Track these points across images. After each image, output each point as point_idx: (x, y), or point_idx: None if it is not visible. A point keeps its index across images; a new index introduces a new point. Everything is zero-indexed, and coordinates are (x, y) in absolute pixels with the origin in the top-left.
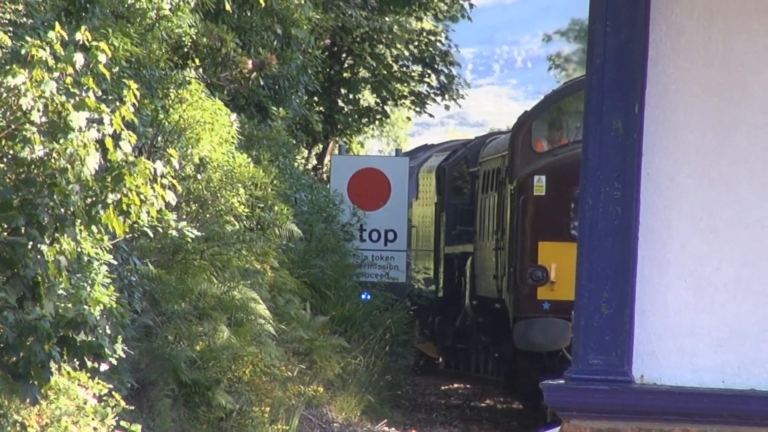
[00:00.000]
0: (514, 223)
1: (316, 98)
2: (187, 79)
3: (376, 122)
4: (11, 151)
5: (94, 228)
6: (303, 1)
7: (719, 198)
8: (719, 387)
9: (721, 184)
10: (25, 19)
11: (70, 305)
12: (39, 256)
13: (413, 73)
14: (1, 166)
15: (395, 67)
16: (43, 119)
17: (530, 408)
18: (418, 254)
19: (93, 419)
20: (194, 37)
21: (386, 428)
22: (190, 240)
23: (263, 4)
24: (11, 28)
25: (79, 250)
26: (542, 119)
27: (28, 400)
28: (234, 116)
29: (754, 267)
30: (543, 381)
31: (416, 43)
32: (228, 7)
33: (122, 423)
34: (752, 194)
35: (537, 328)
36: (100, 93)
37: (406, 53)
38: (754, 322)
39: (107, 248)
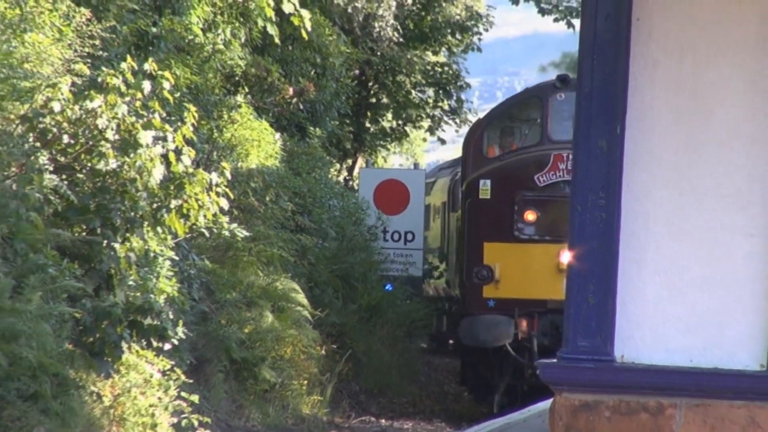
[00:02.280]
0: (463, 224)
1: (347, 120)
2: (238, 103)
3: (397, 141)
4: (89, 164)
5: (159, 229)
6: (337, 36)
7: (689, 206)
8: (688, 366)
9: (691, 195)
10: (101, 52)
11: (138, 294)
12: (112, 253)
13: (429, 99)
14: (81, 176)
15: (413, 94)
16: (116, 137)
17: (478, 400)
18: None
19: (158, 390)
20: (244, 67)
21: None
22: (240, 239)
23: (306, 38)
24: (89, 60)
25: (146, 247)
26: (494, 126)
27: (103, 374)
28: (277, 135)
29: (719, 265)
30: (539, 361)
31: (431, 73)
32: (276, 40)
33: (183, 394)
34: (717, 203)
35: (482, 325)
36: (164, 115)
37: (423, 81)
38: (718, 311)
39: (170, 246)
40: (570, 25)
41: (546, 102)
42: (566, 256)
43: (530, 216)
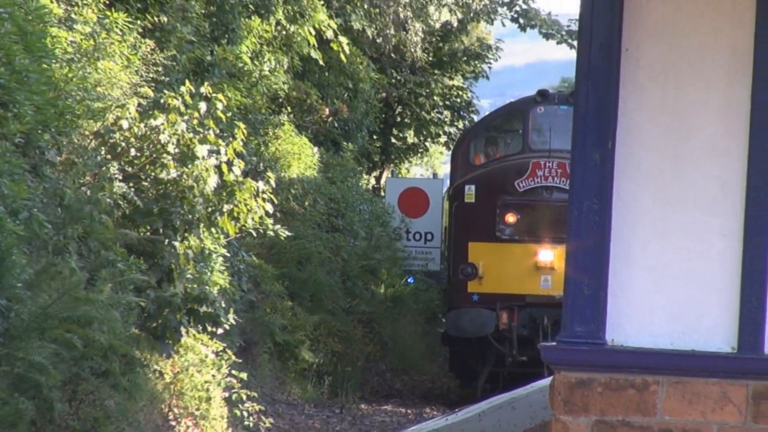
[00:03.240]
0: (450, 225)
1: (375, 136)
2: (281, 121)
3: (419, 154)
4: (153, 173)
5: (213, 229)
6: (366, 64)
7: (672, 212)
8: (669, 348)
9: (673, 202)
10: (163, 77)
11: (195, 286)
12: (173, 250)
13: (446, 119)
14: (146, 184)
15: (432, 114)
16: (176, 150)
17: (464, 385)
18: None
19: (212, 369)
20: (286, 91)
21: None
22: (282, 238)
23: (345, 60)
24: (153, 84)
25: (202, 245)
26: (479, 137)
27: (164, 355)
28: (315, 149)
29: (696, 262)
30: (541, 344)
31: (448, 97)
32: (321, 62)
33: (233, 372)
34: (696, 209)
35: (466, 317)
36: (218, 131)
37: (441, 103)
38: (695, 302)
39: (222, 244)
40: (571, 46)
41: (527, 114)
42: (543, 255)
43: (511, 218)
